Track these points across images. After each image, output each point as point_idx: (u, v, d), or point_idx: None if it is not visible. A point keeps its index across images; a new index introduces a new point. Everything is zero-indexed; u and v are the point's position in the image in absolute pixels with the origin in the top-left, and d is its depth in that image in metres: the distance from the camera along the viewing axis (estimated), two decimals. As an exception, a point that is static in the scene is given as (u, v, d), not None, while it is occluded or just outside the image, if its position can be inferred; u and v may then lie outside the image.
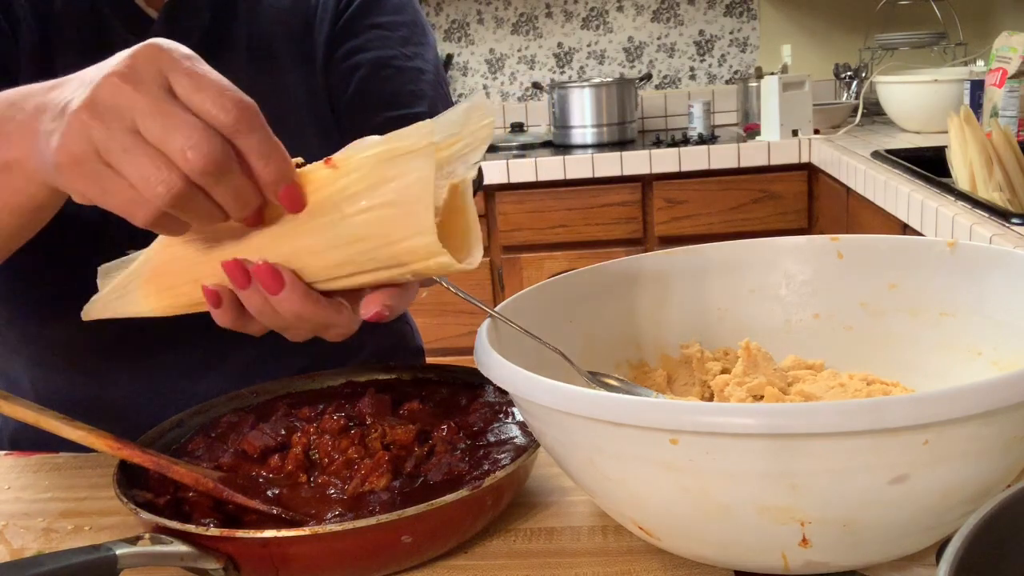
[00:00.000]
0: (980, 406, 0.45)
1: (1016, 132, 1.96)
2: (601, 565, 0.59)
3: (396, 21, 0.90)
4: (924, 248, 0.71)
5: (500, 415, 0.71)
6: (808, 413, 0.45)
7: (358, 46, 0.88)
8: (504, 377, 0.56)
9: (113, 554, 0.55)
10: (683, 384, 0.74)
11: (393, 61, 0.88)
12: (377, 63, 0.88)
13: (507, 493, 0.64)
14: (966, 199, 1.59)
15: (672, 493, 0.51)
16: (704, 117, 2.76)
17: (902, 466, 0.47)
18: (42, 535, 0.70)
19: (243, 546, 0.57)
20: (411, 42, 0.90)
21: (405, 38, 0.90)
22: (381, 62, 0.88)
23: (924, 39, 2.75)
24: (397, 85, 0.88)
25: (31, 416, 0.64)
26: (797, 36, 3.04)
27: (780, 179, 2.54)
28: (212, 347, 0.89)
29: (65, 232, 0.76)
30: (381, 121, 0.84)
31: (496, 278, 2.67)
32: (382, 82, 0.87)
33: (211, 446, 0.70)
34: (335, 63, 0.89)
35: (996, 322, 0.65)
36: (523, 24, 3.14)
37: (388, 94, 0.87)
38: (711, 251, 0.77)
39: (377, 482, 0.63)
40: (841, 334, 0.74)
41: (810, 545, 0.50)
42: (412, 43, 0.90)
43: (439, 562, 0.62)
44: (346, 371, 0.83)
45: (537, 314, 0.68)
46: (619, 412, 0.49)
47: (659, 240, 2.60)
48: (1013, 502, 0.41)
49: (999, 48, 2.09)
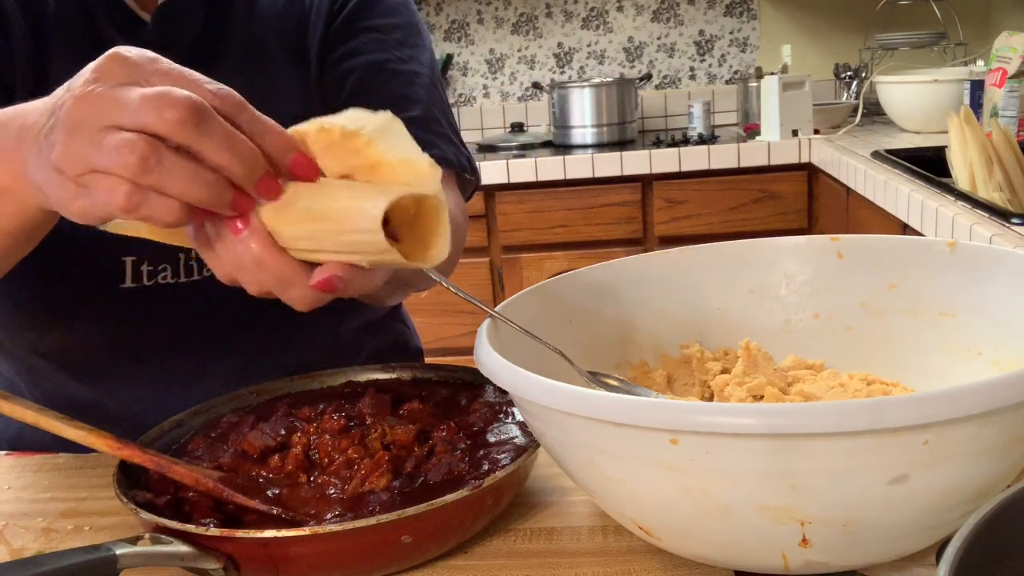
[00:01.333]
0: (980, 406, 0.45)
1: (1016, 132, 1.96)
2: (601, 565, 0.59)
3: (391, 24, 0.89)
4: (924, 248, 0.71)
5: (500, 415, 0.71)
6: (808, 413, 0.45)
7: (352, 49, 0.87)
8: (504, 377, 0.56)
9: (113, 554, 0.55)
10: (683, 384, 0.74)
11: (387, 65, 0.87)
12: (371, 67, 0.87)
13: (507, 493, 0.64)
14: (966, 199, 1.59)
15: (672, 493, 0.51)
16: (704, 117, 2.76)
17: (902, 466, 0.47)
18: (42, 535, 0.70)
19: (243, 546, 0.57)
20: (406, 44, 0.89)
21: (400, 41, 0.89)
22: (375, 66, 0.87)
23: (924, 39, 2.75)
24: (391, 89, 0.87)
25: (31, 416, 0.64)
26: (797, 36, 3.04)
27: (780, 179, 2.54)
28: (203, 356, 0.89)
29: (59, 247, 0.75)
30: None
31: (496, 278, 2.67)
32: (375, 87, 0.87)
33: (211, 446, 0.70)
34: (329, 66, 0.88)
35: (996, 322, 0.65)
36: (523, 24, 3.15)
37: (381, 99, 0.85)
38: (711, 251, 0.77)
39: (377, 482, 0.63)
40: (841, 334, 0.74)
41: (810, 545, 0.50)
42: (407, 45, 0.89)
43: (439, 562, 0.62)
44: (346, 371, 0.83)
45: (537, 314, 0.68)
46: (619, 412, 0.49)
47: (659, 240, 2.60)
48: (1013, 502, 0.41)
49: (999, 48, 2.09)
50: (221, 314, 0.85)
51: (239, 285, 0.56)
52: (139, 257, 0.82)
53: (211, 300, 0.83)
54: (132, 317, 0.84)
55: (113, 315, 0.84)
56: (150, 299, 0.83)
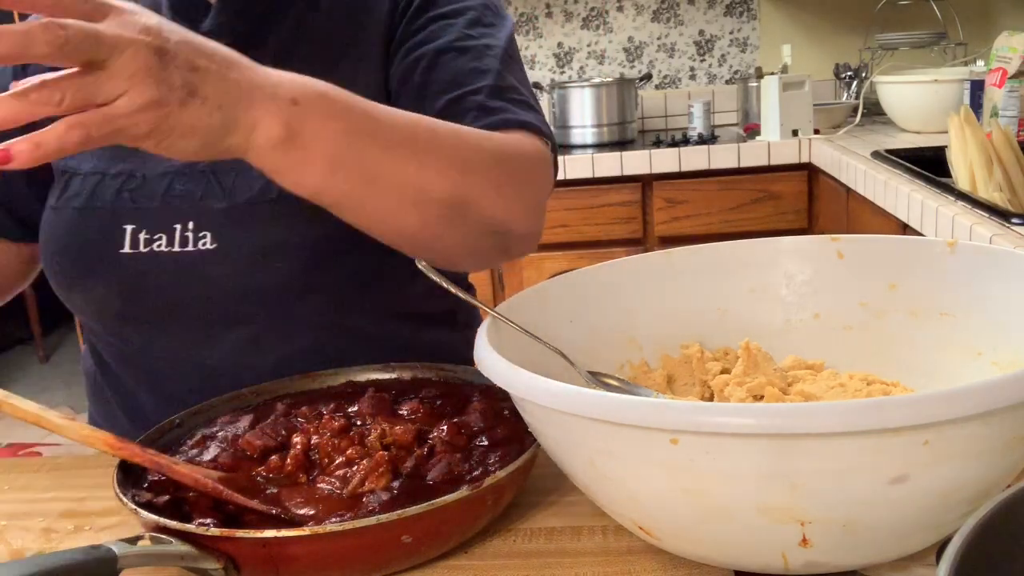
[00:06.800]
0: (980, 406, 0.45)
1: (1016, 132, 1.96)
2: (601, 565, 0.59)
3: (462, 7, 0.89)
4: (924, 248, 0.71)
5: (500, 415, 0.71)
6: (808, 413, 0.45)
7: (423, 39, 0.87)
8: (504, 377, 0.56)
9: (113, 554, 0.55)
10: (683, 384, 0.74)
11: (455, 43, 0.86)
12: (439, 50, 0.86)
13: (507, 493, 0.64)
14: (966, 199, 1.59)
15: (672, 493, 0.51)
16: (704, 117, 2.76)
17: (902, 466, 0.47)
18: (42, 535, 0.70)
19: (243, 546, 0.57)
20: (480, 23, 0.88)
21: (473, 20, 0.88)
22: (442, 48, 0.86)
23: (924, 39, 2.75)
24: (460, 64, 0.85)
25: (31, 416, 0.63)
26: (797, 36, 3.04)
27: (780, 179, 2.54)
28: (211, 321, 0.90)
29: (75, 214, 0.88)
30: (442, 105, 0.83)
31: (496, 278, 2.67)
32: (443, 67, 0.85)
33: (211, 446, 0.70)
34: (399, 58, 0.88)
35: (996, 322, 0.65)
36: (523, 24, 3.14)
37: (448, 76, 0.84)
38: (711, 251, 0.77)
39: (377, 482, 0.63)
40: (841, 334, 0.74)
41: (810, 545, 0.50)
42: (481, 24, 0.88)
43: (439, 562, 0.62)
44: (346, 371, 0.83)
45: (537, 314, 0.69)
46: (619, 412, 0.49)
47: (659, 240, 2.60)
48: (1013, 502, 0.41)
49: (999, 48, 2.09)
50: (221, 284, 0.86)
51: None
52: (138, 226, 0.86)
53: (206, 270, 0.85)
54: (133, 281, 0.87)
55: (116, 278, 0.87)
56: (149, 265, 0.86)
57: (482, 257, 0.86)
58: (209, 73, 0.59)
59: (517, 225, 0.80)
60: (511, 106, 0.83)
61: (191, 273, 0.85)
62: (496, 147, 0.78)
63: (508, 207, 0.78)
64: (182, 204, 0.86)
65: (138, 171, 0.88)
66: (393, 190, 0.70)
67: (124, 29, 0.55)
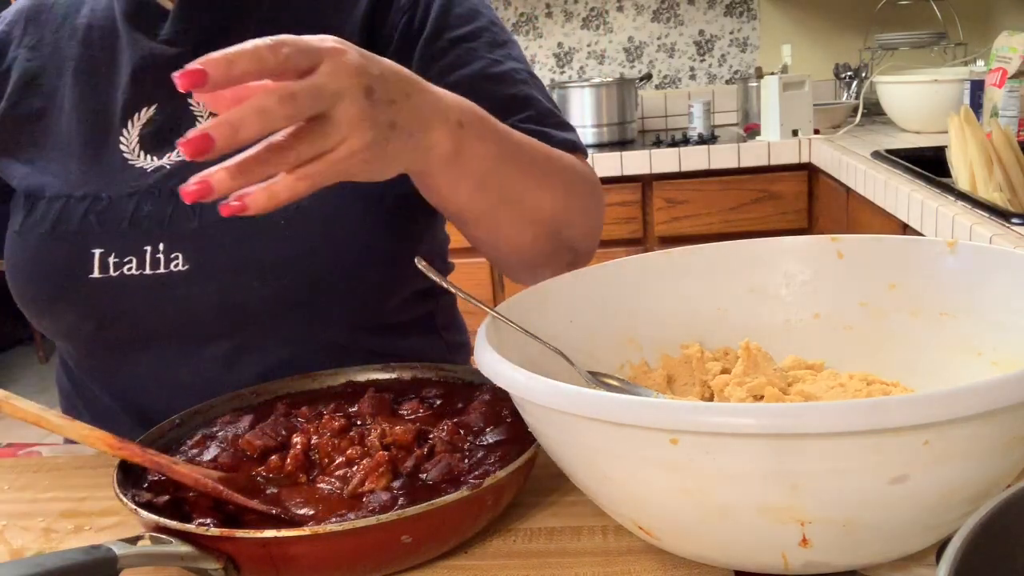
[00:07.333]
0: (980, 406, 0.45)
1: (1016, 132, 1.96)
2: (601, 565, 0.59)
3: (475, 29, 0.89)
4: (924, 248, 0.71)
5: (500, 415, 0.71)
6: (808, 413, 0.45)
7: (447, 66, 0.86)
8: (504, 377, 0.56)
9: (113, 554, 0.55)
10: (683, 384, 0.74)
11: (486, 71, 0.87)
12: (473, 79, 0.86)
13: (507, 493, 0.64)
14: (966, 199, 1.59)
15: (672, 493, 0.51)
16: (704, 117, 2.76)
17: (902, 466, 0.47)
18: (42, 535, 0.70)
19: (243, 546, 0.57)
20: (496, 44, 0.89)
21: (490, 43, 0.89)
22: (477, 77, 0.86)
23: (924, 39, 2.75)
24: (498, 94, 0.86)
25: (32, 416, 0.64)
26: (797, 36, 3.04)
27: (780, 179, 2.54)
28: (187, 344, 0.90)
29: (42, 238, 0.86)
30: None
31: (496, 278, 2.67)
32: (483, 97, 0.83)
33: (211, 446, 0.70)
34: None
35: (996, 322, 0.65)
36: (523, 24, 3.15)
37: (492, 107, 0.81)
38: (711, 251, 0.77)
39: (377, 482, 0.63)
40: (841, 334, 0.74)
41: (810, 545, 0.50)
42: (497, 45, 0.89)
43: (439, 562, 0.62)
44: (346, 371, 0.83)
45: (537, 314, 0.69)
46: (619, 412, 0.49)
47: (659, 240, 2.60)
48: (1013, 502, 0.41)
49: (999, 48, 2.09)
50: (195, 305, 0.85)
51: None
52: (106, 250, 0.85)
53: (179, 291, 0.84)
54: (104, 306, 0.86)
55: (87, 304, 0.86)
56: (120, 289, 0.85)
57: (556, 271, 0.89)
58: (402, 104, 0.61)
59: (590, 244, 0.88)
60: (553, 131, 0.87)
61: (164, 295, 0.84)
62: (580, 173, 0.85)
63: (591, 227, 0.87)
64: (151, 225, 0.84)
65: (103, 192, 0.86)
66: (521, 209, 0.78)
67: (339, 75, 0.56)
